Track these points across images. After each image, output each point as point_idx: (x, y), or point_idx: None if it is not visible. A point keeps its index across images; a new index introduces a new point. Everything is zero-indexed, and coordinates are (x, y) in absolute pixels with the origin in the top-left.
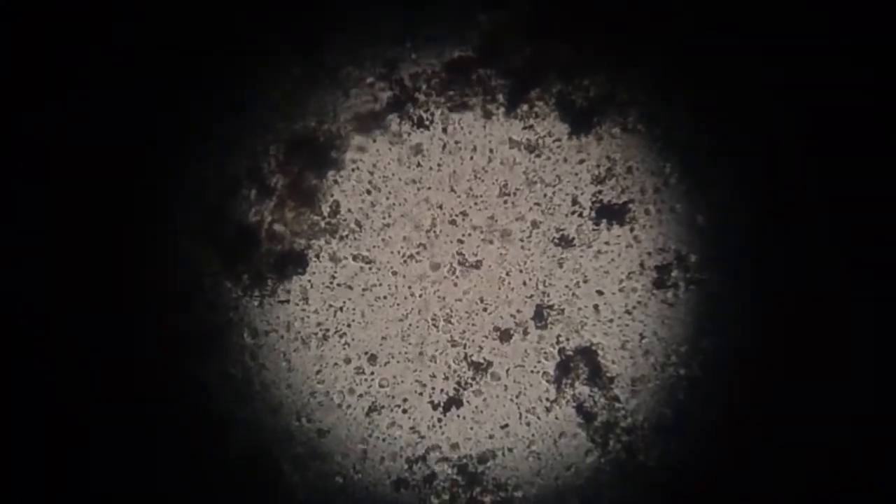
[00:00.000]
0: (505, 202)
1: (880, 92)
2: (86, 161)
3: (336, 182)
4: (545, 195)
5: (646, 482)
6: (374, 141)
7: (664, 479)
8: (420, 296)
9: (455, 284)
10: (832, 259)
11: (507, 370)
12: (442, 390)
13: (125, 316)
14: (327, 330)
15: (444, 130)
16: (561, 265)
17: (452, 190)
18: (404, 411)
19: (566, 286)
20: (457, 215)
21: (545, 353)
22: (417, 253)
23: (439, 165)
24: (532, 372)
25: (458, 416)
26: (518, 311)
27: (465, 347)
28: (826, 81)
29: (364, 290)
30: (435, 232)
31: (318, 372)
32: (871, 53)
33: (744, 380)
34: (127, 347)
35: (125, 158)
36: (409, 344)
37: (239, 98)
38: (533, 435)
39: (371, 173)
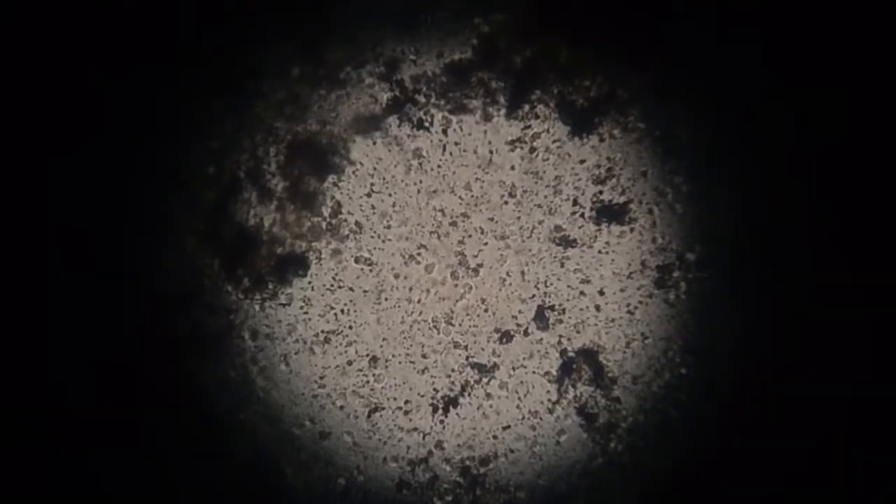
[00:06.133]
0: (506, 203)
1: (879, 92)
2: (86, 162)
3: (336, 184)
4: (546, 196)
5: (647, 482)
6: (375, 143)
7: (666, 480)
8: (420, 299)
9: (456, 286)
10: (832, 259)
11: (509, 372)
12: (443, 392)
13: (125, 318)
14: (328, 332)
15: (445, 132)
16: (562, 265)
17: (453, 192)
18: (406, 413)
19: (567, 287)
20: (458, 217)
21: (547, 354)
22: (418, 254)
23: (440, 167)
24: (534, 373)
25: (460, 417)
26: (519, 312)
27: (466, 349)
28: (825, 81)
29: (365, 292)
30: (436, 233)
31: (319, 375)
32: (870, 54)
33: (745, 380)
34: (127, 350)
35: (125, 160)
36: (411, 346)
37: (239, 99)
38: (535, 436)
39: (371, 175)
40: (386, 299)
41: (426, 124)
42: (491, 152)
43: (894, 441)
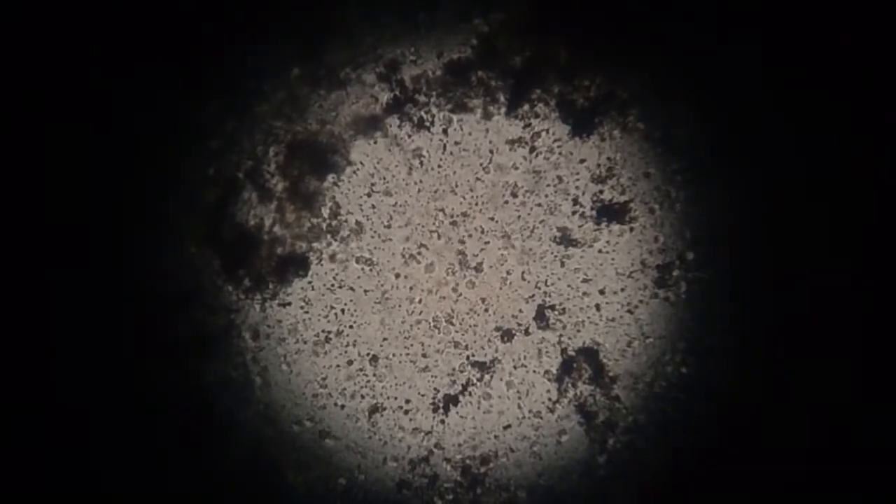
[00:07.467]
0: (506, 203)
1: (879, 92)
2: (86, 163)
3: (336, 184)
4: (546, 195)
5: (647, 481)
6: (375, 143)
7: (665, 478)
8: (421, 298)
9: (456, 285)
10: (832, 258)
11: (510, 371)
12: (444, 391)
13: (125, 318)
14: (329, 332)
15: (445, 132)
16: (562, 265)
17: (453, 191)
18: (406, 412)
19: (568, 286)
20: (458, 216)
21: (547, 353)
22: (419, 254)
23: (440, 167)
24: (534, 372)
25: (461, 416)
26: (520, 312)
27: (466, 348)
28: (825, 81)
29: (366, 292)
30: (437, 233)
31: (319, 374)
32: (870, 54)
33: (744, 379)
34: (127, 350)
35: (125, 161)
36: (412, 345)
37: (240, 99)
38: (535, 435)
39: (372, 175)
40: (387, 299)
41: (426, 124)
42: (491, 152)
43: (894, 441)
